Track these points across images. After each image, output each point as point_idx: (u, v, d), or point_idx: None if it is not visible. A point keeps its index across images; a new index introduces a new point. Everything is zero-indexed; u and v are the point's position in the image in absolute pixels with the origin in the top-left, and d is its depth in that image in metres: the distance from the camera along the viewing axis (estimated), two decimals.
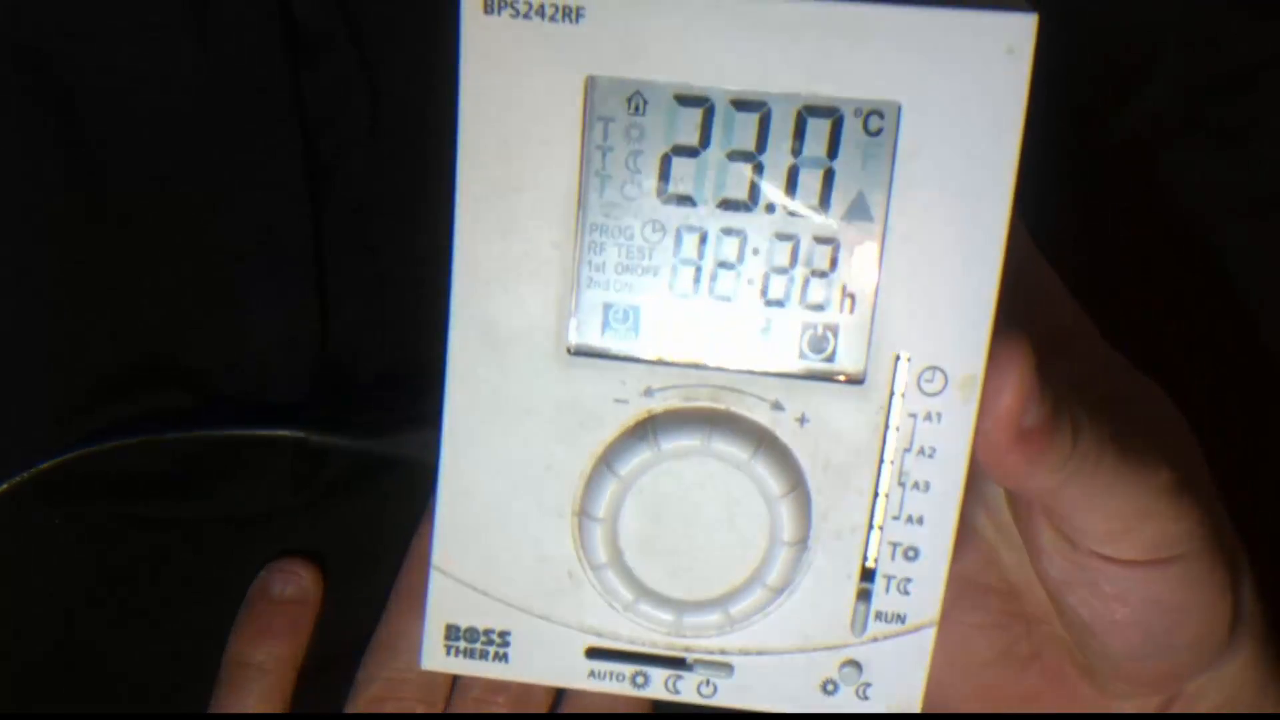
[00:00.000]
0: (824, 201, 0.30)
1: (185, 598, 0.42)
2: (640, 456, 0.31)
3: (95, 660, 0.42)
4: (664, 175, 0.30)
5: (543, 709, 0.41)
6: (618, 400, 0.31)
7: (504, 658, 0.33)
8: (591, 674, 0.33)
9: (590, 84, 0.29)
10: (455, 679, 0.41)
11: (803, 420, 0.31)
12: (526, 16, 0.29)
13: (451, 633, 0.33)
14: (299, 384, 0.42)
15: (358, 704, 0.41)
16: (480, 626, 0.33)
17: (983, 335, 0.30)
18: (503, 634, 0.33)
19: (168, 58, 0.40)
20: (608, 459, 0.31)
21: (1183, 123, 0.45)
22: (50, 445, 0.40)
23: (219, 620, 0.42)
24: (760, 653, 0.32)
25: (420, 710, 0.41)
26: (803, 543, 0.31)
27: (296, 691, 0.41)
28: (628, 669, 0.33)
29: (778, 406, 0.31)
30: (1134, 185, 0.45)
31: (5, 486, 0.35)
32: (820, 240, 0.30)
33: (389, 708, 0.40)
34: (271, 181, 0.42)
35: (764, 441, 0.31)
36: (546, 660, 0.33)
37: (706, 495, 0.31)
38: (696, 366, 0.31)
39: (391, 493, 0.42)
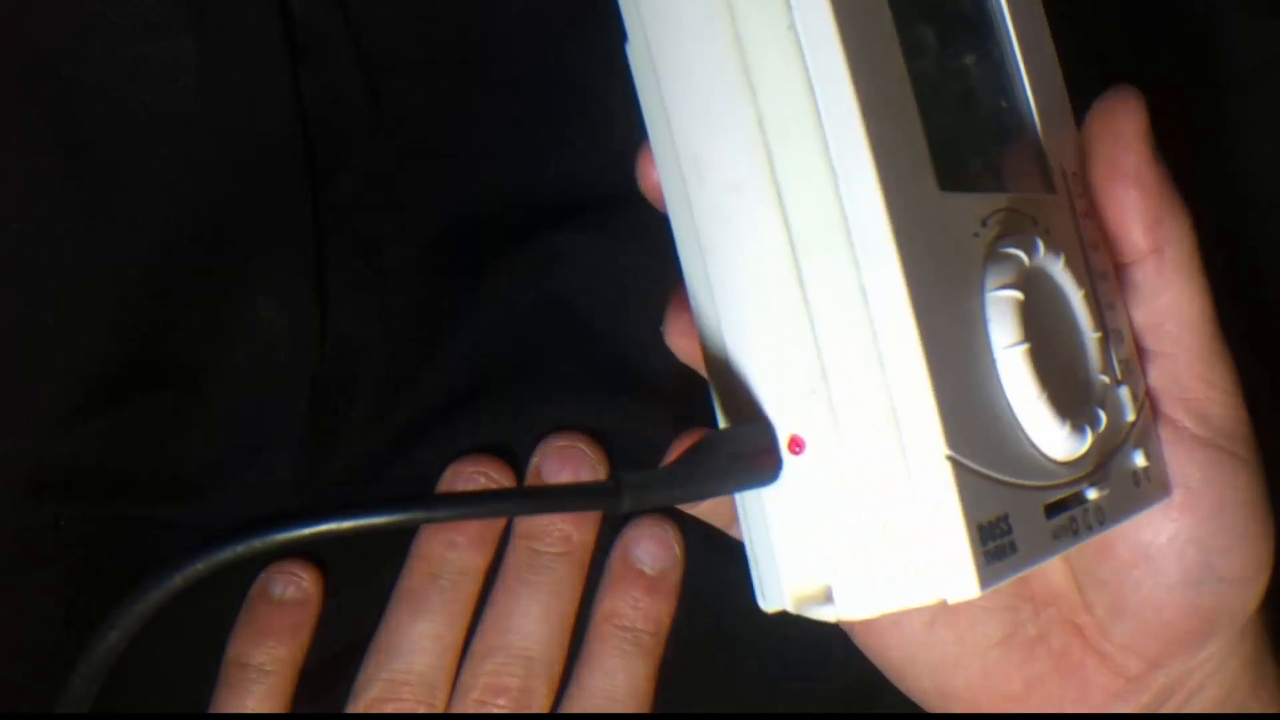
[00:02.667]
0: (981, 45, 0.34)
1: (185, 598, 0.42)
2: (1023, 272, 0.31)
3: None
4: (914, 38, 0.32)
5: (545, 709, 0.41)
6: (974, 234, 0.31)
7: (1013, 549, 0.29)
8: (1055, 535, 0.31)
9: None
10: (456, 679, 0.41)
11: (1047, 231, 0.33)
12: None
13: (984, 535, 0.29)
14: (299, 382, 0.42)
15: (357, 705, 0.41)
16: (995, 518, 0.29)
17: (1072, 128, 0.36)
18: (1005, 520, 0.30)
19: (167, 58, 0.40)
20: (1002, 283, 0.31)
21: (1182, 122, 0.45)
22: (49, 445, 0.40)
23: (219, 620, 0.42)
24: (1112, 452, 0.33)
25: (420, 711, 0.41)
26: (1104, 332, 0.33)
27: (297, 692, 0.41)
28: (1070, 517, 0.31)
29: (1034, 221, 0.33)
30: None
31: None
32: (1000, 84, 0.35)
33: (389, 709, 0.40)
34: (271, 181, 0.42)
35: (1055, 248, 0.32)
36: (1033, 536, 0.30)
37: (1053, 304, 0.32)
38: (996, 192, 0.32)
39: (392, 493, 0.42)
